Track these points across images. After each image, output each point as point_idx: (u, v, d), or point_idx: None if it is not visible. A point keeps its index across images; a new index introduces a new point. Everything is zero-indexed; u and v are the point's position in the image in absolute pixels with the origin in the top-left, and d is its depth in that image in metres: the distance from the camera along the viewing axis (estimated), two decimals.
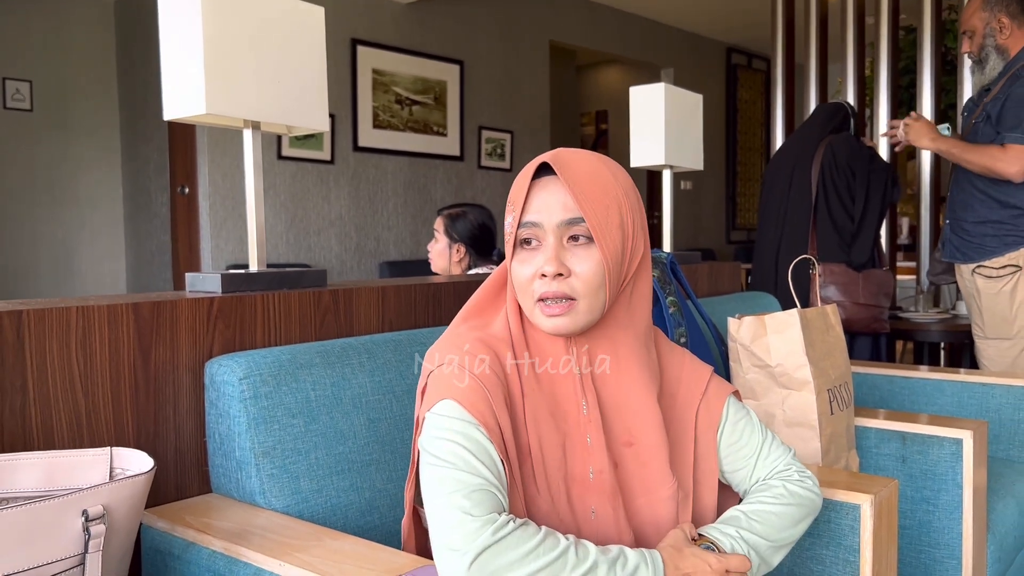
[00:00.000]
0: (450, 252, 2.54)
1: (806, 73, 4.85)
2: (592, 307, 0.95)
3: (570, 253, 0.95)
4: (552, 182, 0.96)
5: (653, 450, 1.00)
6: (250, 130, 1.40)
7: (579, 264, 0.94)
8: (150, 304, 1.21)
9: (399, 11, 5.40)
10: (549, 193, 0.96)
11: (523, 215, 0.96)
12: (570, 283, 0.94)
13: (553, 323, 0.95)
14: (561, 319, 0.94)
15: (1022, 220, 2.54)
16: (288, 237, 4.95)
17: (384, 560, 0.99)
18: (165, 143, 5.11)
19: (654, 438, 1.00)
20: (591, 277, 0.94)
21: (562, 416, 0.98)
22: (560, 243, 0.95)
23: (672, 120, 2.26)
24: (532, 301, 0.96)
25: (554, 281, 0.94)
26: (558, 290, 0.93)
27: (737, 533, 0.99)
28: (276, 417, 1.19)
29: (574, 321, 0.95)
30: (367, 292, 1.50)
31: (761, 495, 1.05)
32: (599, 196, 0.95)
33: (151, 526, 1.15)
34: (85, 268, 5.41)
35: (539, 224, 0.95)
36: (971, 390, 2.06)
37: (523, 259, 0.97)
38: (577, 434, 0.98)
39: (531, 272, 0.95)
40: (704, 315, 1.81)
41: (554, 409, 0.98)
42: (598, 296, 0.95)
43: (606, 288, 0.95)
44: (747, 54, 8.53)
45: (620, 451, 1.00)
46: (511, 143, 6.17)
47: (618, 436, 1.00)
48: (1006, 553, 1.71)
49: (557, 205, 0.95)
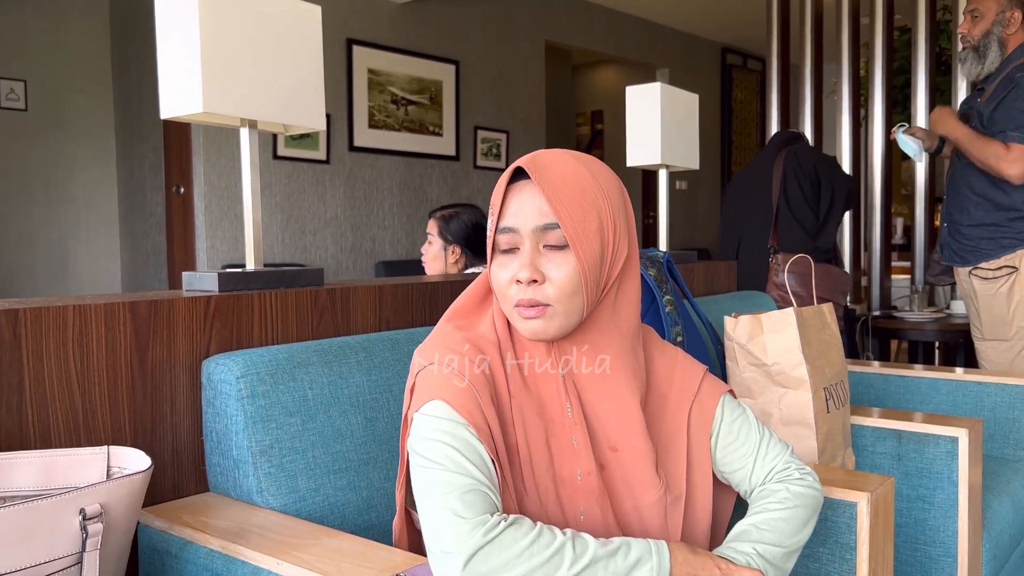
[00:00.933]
0: (446, 255, 2.51)
1: (801, 73, 4.86)
2: (568, 312, 0.95)
3: (545, 259, 0.95)
4: (529, 186, 0.96)
5: (636, 456, 1.00)
6: (247, 129, 1.40)
7: (554, 270, 0.94)
8: (147, 303, 1.21)
9: (395, 11, 5.40)
10: (525, 198, 0.95)
11: (500, 220, 0.97)
12: (543, 290, 0.94)
13: (530, 326, 0.95)
14: (536, 322, 0.95)
15: (1017, 223, 2.55)
16: (283, 237, 4.94)
17: (382, 558, 0.99)
18: (160, 143, 5.10)
19: (637, 444, 1.00)
20: (566, 283, 0.94)
21: (549, 417, 0.98)
22: (536, 249, 0.95)
23: (668, 120, 2.26)
24: (511, 305, 0.96)
25: (528, 288, 0.94)
26: (532, 297, 0.94)
27: (752, 549, 0.97)
28: (273, 416, 1.19)
29: (548, 325, 0.95)
30: (364, 291, 1.50)
31: (766, 502, 1.04)
32: (576, 200, 0.94)
33: (148, 525, 1.15)
34: (80, 268, 5.40)
35: (515, 229, 0.95)
36: (966, 389, 2.07)
37: (501, 263, 0.97)
38: (564, 435, 0.98)
39: (508, 277, 0.96)
40: (700, 314, 1.82)
41: (541, 410, 0.98)
42: (573, 301, 0.95)
43: (583, 293, 0.95)
44: (742, 54, 8.54)
45: (605, 454, 1.00)
46: (507, 143, 6.17)
47: (603, 440, 1.00)
48: (1001, 551, 1.71)
49: (533, 210, 0.94)
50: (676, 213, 7.72)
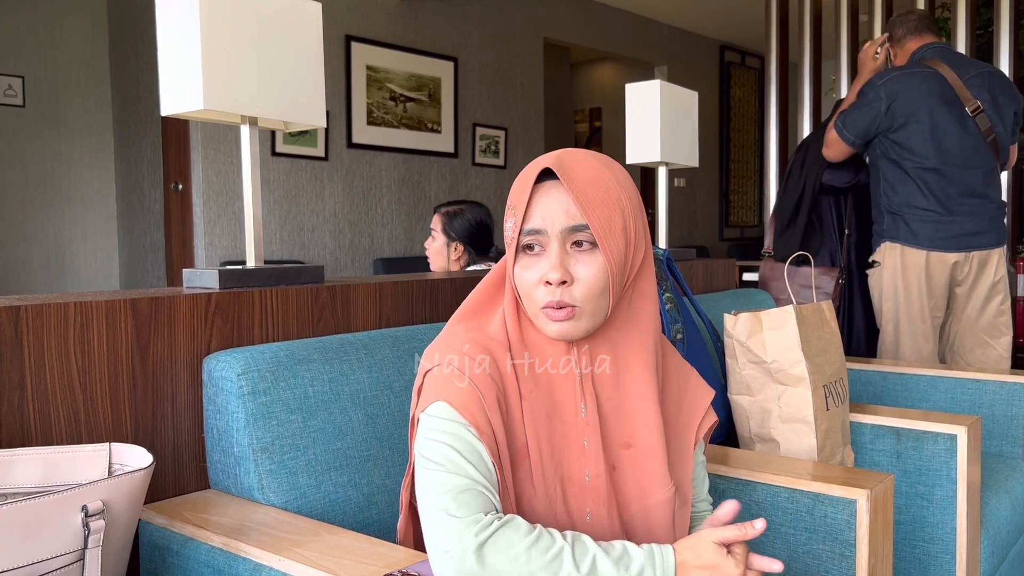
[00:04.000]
0: (448, 250, 2.52)
1: (800, 71, 4.86)
2: (595, 312, 0.95)
3: (573, 259, 0.95)
4: (555, 187, 0.95)
5: (651, 452, 1.00)
6: (247, 126, 1.40)
7: (583, 270, 0.94)
8: (148, 300, 1.21)
9: (393, 8, 5.39)
10: (552, 199, 0.95)
11: (525, 221, 0.95)
12: (572, 292, 0.94)
13: (559, 328, 0.95)
14: (566, 324, 0.94)
15: (880, 217, 2.72)
16: (282, 234, 4.94)
17: (383, 555, 0.99)
18: (158, 139, 5.09)
19: (653, 440, 1.00)
20: (594, 283, 0.94)
21: (560, 418, 0.98)
22: (564, 249, 0.94)
23: (668, 117, 2.26)
24: (537, 307, 0.96)
25: (558, 289, 0.93)
26: (561, 299, 0.93)
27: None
28: (274, 413, 1.19)
29: (577, 327, 0.95)
30: (365, 288, 1.50)
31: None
32: (602, 201, 0.94)
33: (150, 522, 1.15)
34: (78, 265, 5.39)
35: (542, 231, 0.95)
36: (964, 386, 2.07)
37: (526, 265, 0.96)
38: (574, 436, 0.98)
39: (535, 279, 0.95)
40: (700, 312, 1.82)
41: (552, 411, 0.98)
42: (600, 302, 0.95)
43: (609, 293, 0.95)
44: (740, 52, 8.54)
45: (618, 453, 1.00)
46: (505, 140, 6.16)
47: (616, 438, 1.00)
48: (999, 548, 1.72)
49: (560, 211, 0.94)
50: (674, 211, 7.72)
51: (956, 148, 2.58)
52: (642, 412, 1.00)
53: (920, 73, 2.63)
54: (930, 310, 2.63)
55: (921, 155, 2.58)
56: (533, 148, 6.41)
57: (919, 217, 2.60)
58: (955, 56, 2.71)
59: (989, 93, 2.63)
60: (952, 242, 2.59)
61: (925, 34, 2.78)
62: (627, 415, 1.00)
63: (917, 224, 2.61)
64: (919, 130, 2.58)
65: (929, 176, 2.58)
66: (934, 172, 2.58)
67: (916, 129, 2.58)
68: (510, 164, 6.22)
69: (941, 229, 2.59)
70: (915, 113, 2.58)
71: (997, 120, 2.63)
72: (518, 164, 6.27)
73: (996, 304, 2.65)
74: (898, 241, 2.64)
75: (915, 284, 2.62)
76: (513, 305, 1.01)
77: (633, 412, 1.00)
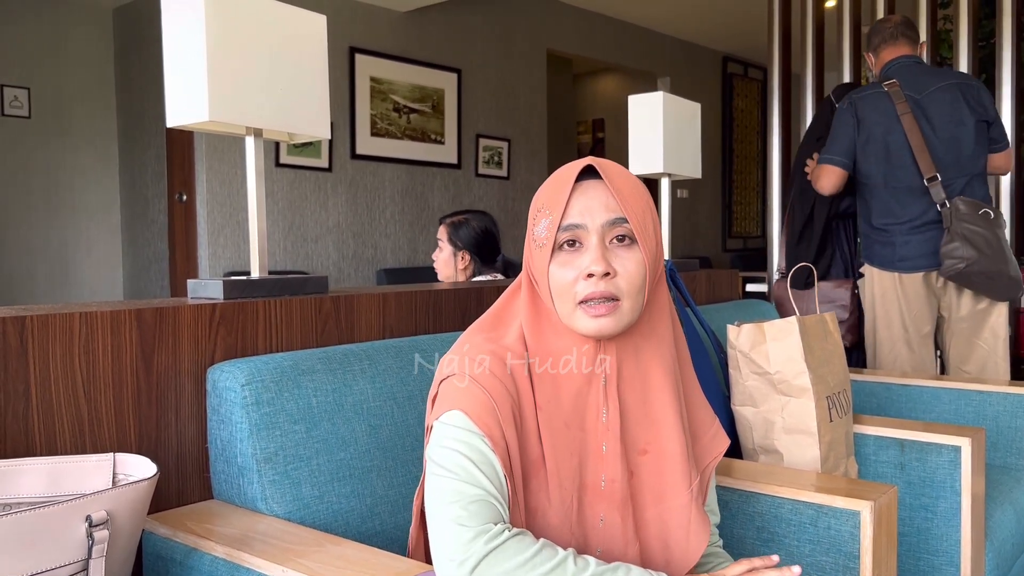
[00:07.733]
0: (455, 260, 2.53)
1: (802, 82, 4.86)
2: (634, 308, 0.96)
3: (613, 254, 0.95)
4: (592, 186, 0.97)
5: (670, 458, 1.00)
6: (252, 137, 1.40)
7: (623, 264, 0.95)
8: (153, 310, 1.21)
9: (397, 20, 5.42)
10: (589, 197, 0.96)
11: (564, 218, 0.96)
12: (616, 283, 0.94)
13: (597, 324, 0.94)
14: (606, 319, 0.94)
15: (866, 236, 2.80)
16: (285, 244, 4.95)
17: (386, 566, 0.99)
18: (163, 150, 5.11)
19: (673, 446, 1.00)
20: (635, 277, 0.95)
21: (578, 425, 0.98)
22: (604, 243, 0.95)
23: (670, 128, 2.27)
24: (573, 304, 0.95)
25: (601, 281, 0.93)
26: (605, 290, 0.93)
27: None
28: (278, 423, 1.19)
29: (618, 322, 0.95)
30: (368, 299, 1.50)
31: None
32: (638, 199, 0.97)
33: (153, 532, 1.15)
34: (83, 276, 5.41)
35: (583, 226, 0.95)
36: (968, 398, 2.07)
37: (564, 262, 0.96)
38: (593, 442, 0.98)
39: (574, 274, 0.95)
40: (703, 323, 1.82)
41: (570, 418, 0.98)
42: (638, 298, 0.96)
43: (645, 290, 0.96)
44: (743, 63, 8.56)
45: (636, 459, 1.00)
46: (508, 151, 6.18)
47: (635, 444, 1.00)
48: (1004, 560, 1.71)
49: (599, 207, 0.95)
50: (677, 222, 7.73)
51: (904, 170, 2.60)
52: (662, 417, 1.01)
53: (873, 95, 2.66)
54: (912, 319, 2.66)
55: (874, 177, 2.65)
56: (536, 159, 6.42)
57: (881, 239, 2.70)
58: (918, 70, 2.67)
59: (950, 106, 2.59)
60: (911, 263, 2.64)
61: (900, 42, 2.73)
62: (647, 420, 1.01)
63: (878, 247, 2.71)
64: (873, 150, 2.64)
65: (887, 197, 2.65)
66: (890, 193, 2.64)
67: (871, 150, 2.64)
68: (513, 175, 6.23)
69: (898, 251, 2.65)
70: (872, 134, 2.64)
71: (955, 134, 2.58)
72: (521, 175, 6.28)
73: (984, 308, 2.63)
74: (872, 263, 2.74)
75: (892, 296, 2.69)
76: (530, 314, 1.00)
77: (653, 417, 1.01)
